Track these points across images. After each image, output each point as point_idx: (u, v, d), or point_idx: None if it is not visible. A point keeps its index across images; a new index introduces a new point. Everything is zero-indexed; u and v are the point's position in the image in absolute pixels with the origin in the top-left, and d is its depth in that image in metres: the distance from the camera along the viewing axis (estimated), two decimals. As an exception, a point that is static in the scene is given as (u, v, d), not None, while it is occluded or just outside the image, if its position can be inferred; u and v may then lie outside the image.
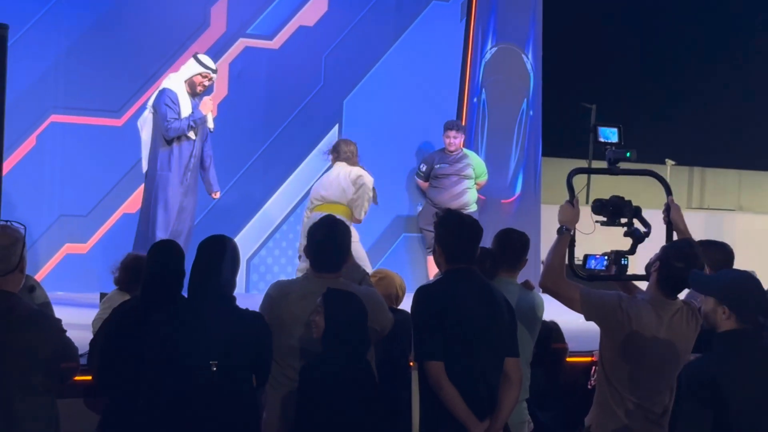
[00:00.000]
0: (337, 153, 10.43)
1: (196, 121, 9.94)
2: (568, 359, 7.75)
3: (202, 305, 5.35)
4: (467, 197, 12.10)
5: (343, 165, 10.30)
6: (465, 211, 10.92)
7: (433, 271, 11.73)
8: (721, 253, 6.47)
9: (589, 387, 7.88)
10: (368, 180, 10.25)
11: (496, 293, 5.40)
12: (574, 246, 5.80)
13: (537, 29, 13.55)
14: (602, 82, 16.71)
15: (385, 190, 12.25)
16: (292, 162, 12.28)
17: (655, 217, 6.09)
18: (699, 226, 13.77)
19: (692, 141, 17.38)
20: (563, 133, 15.57)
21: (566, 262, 5.75)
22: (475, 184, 12.25)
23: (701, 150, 17.89)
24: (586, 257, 6.31)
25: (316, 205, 10.16)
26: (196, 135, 10.02)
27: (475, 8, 13.14)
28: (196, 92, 10.09)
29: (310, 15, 12.40)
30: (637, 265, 5.89)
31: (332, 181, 10.26)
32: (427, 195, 12.43)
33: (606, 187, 6.33)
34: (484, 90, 13.21)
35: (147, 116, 10.08)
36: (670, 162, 15.89)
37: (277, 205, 12.23)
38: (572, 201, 5.71)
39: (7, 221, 4.63)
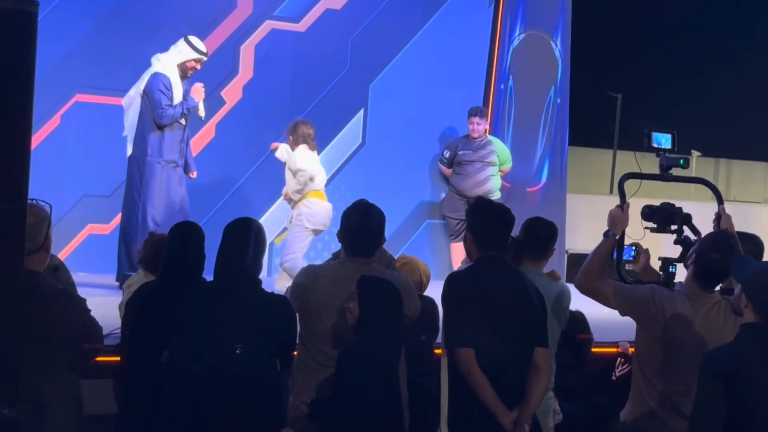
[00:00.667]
0: (296, 135, 10.31)
1: (189, 109, 9.96)
2: (593, 350, 7.71)
3: (228, 288, 5.31)
4: (490, 184, 12.03)
5: (306, 149, 10.24)
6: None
7: (456, 258, 11.74)
8: (752, 245, 6.40)
9: (613, 378, 7.85)
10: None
11: (527, 282, 5.36)
12: (622, 250, 5.77)
13: (566, 16, 13.47)
14: (629, 71, 16.64)
15: (409, 176, 12.23)
16: (317, 146, 12.22)
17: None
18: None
19: (719, 132, 17.26)
20: (589, 122, 15.49)
21: (614, 265, 5.70)
22: (499, 171, 12.18)
23: (728, 141, 17.77)
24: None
25: (312, 191, 10.14)
26: (186, 121, 10.04)
27: (503, -7, 13.09)
28: (186, 76, 10.14)
29: (337, -2, 12.39)
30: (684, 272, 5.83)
31: (317, 166, 10.29)
32: (450, 182, 12.37)
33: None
34: (511, 77, 13.14)
35: (133, 96, 10.08)
36: (696, 153, 15.81)
37: (301, 189, 12.18)
38: (622, 206, 5.71)
39: (33, 200, 4.60)
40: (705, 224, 5.95)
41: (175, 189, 10.07)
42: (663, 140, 6.16)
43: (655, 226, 6.00)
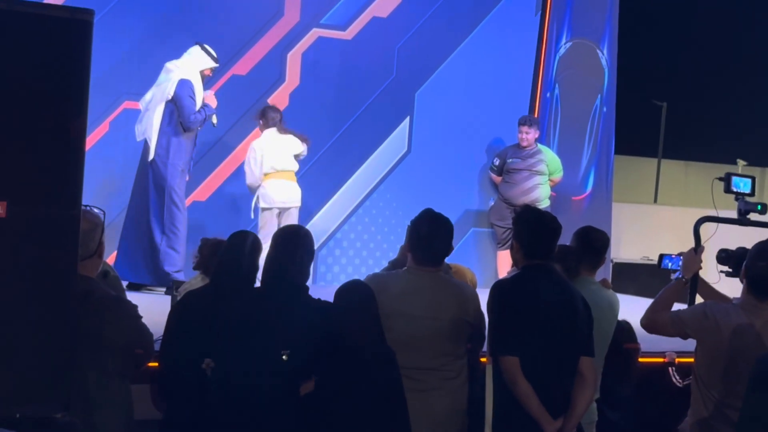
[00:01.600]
0: (265, 119, 10.65)
1: (209, 115, 10.17)
2: (639, 359, 7.69)
3: (275, 294, 5.34)
4: (538, 193, 12.04)
5: (274, 131, 10.58)
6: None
7: (502, 266, 11.74)
8: None
9: (680, 386, 7.87)
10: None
11: (573, 291, 5.37)
12: (695, 293, 5.81)
13: (613, 25, 13.45)
14: (674, 79, 16.58)
15: (454, 185, 12.24)
16: (361, 154, 12.28)
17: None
18: (773, 229, 13.62)
19: (764, 141, 17.16)
20: (634, 131, 15.44)
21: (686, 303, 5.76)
22: (549, 180, 12.19)
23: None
24: (662, 257, 6.27)
25: (268, 173, 10.46)
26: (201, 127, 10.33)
27: (550, 2, 13.06)
28: (202, 83, 10.33)
29: (384, 6, 12.38)
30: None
31: (281, 149, 10.52)
32: (498, 189, 12.39)
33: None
34: (557, 85, 13.12)
35: (149, 100, 10.25)
36: (741, 162, 15.72)
37: (346, 197, 12.24)
38: (696, 249, 5.70)
39: (86, 206, 4.66)
40: (745, 232, 5.94)
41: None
42: (742, 184, 6.14)
43: (730, 270, 6.00)
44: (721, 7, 16.58)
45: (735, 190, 6.16)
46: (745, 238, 6.25)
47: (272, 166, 10.47)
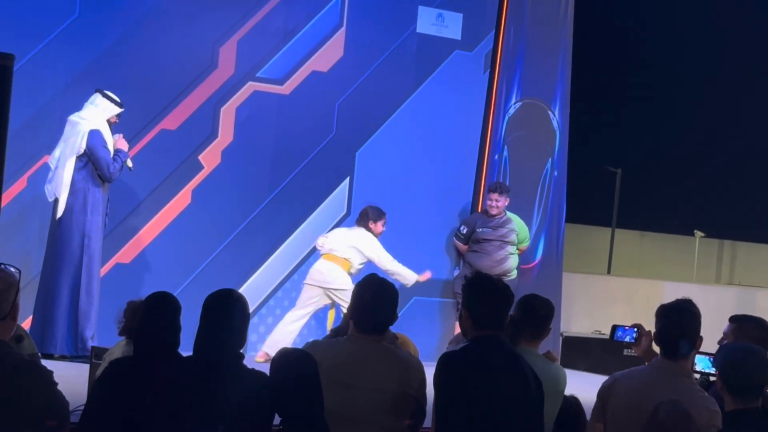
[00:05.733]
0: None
1: (124, 161, 10.26)
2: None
3: (209, 364, 5.27)
4: (509, 263, 12.23)
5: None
6: (506, 278, 11.06)
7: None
8: (759, 329, 6.42)
9: None
10: None
11: (525, 365, 5.32)
12: None
13: (565, 84, 13.57)
14: (629, 144, 16.72)
15: (397, 249, 12.21)
16: (298, 216, 12.25)
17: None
18: (730, 303, 13.74)
19: (723, 212, 17.32)
20: (587, 198, 15.54)
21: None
22: (517, 249, 12.31)
23: (733, 222, 17.81)
24: (615, 328, 6.29)
25: None
26: None
27: (500, 60, 13.15)
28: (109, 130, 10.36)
29: (324, 60, 12.43)
30: None
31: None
32: (465, 259, 12.44)
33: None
34: (506, 147, 13.19)
35: (59, 156, 10.22)
36: (699, 233, 15.89)
37: (282, 260, 12.19)
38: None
39: (1, 264, 4.59)
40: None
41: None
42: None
43: None
44: (683, 69, 16.81)
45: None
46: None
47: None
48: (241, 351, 5.38)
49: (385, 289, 5.75)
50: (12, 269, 4.76)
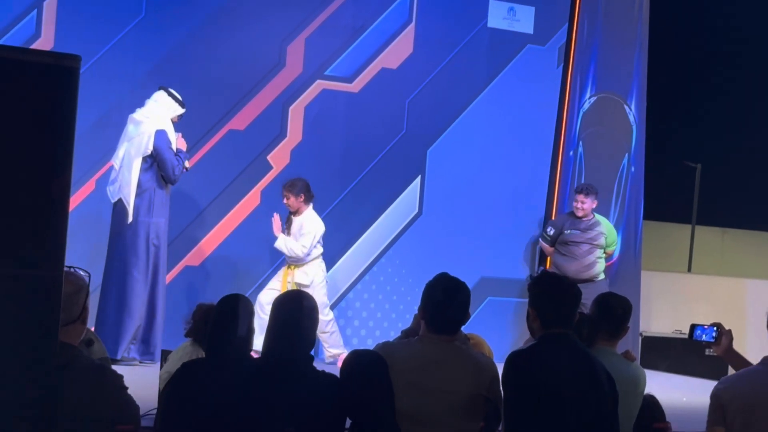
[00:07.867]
0: (308, 194, 11.11)
1: (183, 162, 10.29)
2: (671, 440, 7.64)
3: (281, 366, 5.32)
4: (597, 267, 12.18)
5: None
6: (594, 282, 11.04)
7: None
8: None
9: None
10: None
11: (596, 363, 5.32)
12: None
13: (641, 78, 13.48)
14: (709, 139, 16.56)
15: (469, 250, 12.23)
16: (368, 216, 12.31)
17: None
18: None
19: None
20: (665, 194, 15.44)
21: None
22: (604, 253, 12.29)
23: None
24: (693, 327, 6.25)
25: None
26: None
27: (573, 54, 13.13)
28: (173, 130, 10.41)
29: (393, 57, 12.47)
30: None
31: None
32: (553, 261, 12.40)
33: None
34: (581, 142, 13.15)
35: (123, 156, 10.23)
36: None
37: (351, 262, 12.26)
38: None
39: (70, 267, 4.65)
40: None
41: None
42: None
43: None
44: (763, 61, 16.64)
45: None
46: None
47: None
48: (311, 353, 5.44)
49: (458, 288, 5.76)
50: (81, 272, 4.83)
